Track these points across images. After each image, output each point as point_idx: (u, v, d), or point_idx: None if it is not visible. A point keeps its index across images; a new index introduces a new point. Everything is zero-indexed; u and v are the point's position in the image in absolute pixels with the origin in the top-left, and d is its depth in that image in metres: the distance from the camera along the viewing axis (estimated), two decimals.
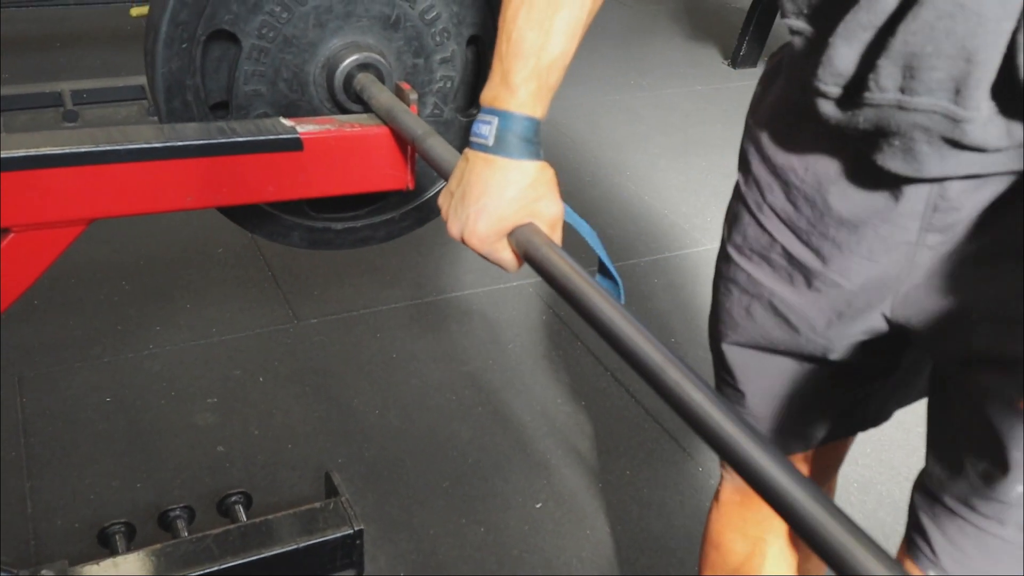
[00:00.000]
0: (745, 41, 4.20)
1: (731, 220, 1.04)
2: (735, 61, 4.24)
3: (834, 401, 1.06)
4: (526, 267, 2.38)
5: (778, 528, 1.17)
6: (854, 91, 0.78)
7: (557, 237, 0.98)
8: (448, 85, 1.43)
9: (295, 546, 1.56)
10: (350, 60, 1.31)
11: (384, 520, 1.76)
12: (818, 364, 1.00)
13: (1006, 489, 0.82)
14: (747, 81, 4.07)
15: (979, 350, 0.82)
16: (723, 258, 1.05)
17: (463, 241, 0.98)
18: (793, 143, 0.91)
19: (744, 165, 1.01)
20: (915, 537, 0.91)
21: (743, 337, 1.03)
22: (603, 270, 1.00)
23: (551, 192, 0.98)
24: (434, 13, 1.36)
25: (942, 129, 0.74)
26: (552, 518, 1.81)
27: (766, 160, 0.96)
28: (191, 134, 1.15)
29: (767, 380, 1.05)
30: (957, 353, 0.85)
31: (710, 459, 1.96)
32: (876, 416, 1.09)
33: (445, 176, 1.04)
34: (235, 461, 1.87)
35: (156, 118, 1.27)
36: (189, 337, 2.20)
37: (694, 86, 3.98)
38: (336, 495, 1.66)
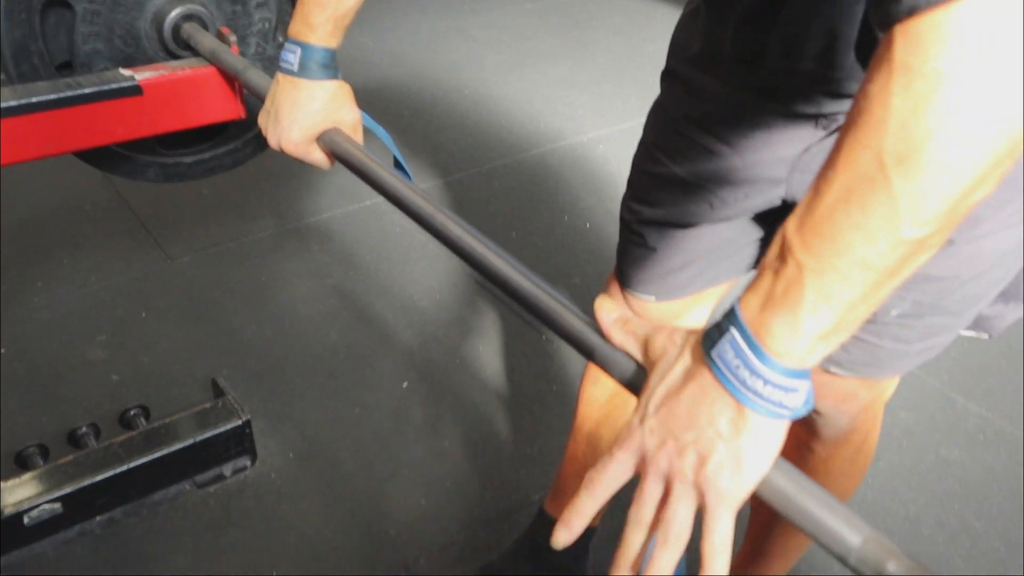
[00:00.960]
0: None
1: (653, 123, 1.21)
2: None
3: (734, 252, 1.22)
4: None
5: None
6: (756, 56, 1.00)
7: (359, 138, 1.24)
8: (267, 26, 1.64)
9: (193, 440, 1.80)
10: (175, 13, 1.51)
11: (269, 415, 2.02)
12: (725, 226, 1.18)
13: (883, 312, 1.00)
14: None
15: None
16: (645, 154, 1.22)
17: (281, 149, 1.22)
18: (710, 72, 1.08)
19: (667, 80, 1.18)
20: None
21: (660, 215, 1.19)
22: (397, 164, 1.26)
23: (349, 103, 1.23)
24: None
25: (824, 85, 0.96)
26: (418, 393, 2.10)
27: (687, 80, 1.12)
28: (43, 90, 1.35)
29: (677, 241, 1.20)
30: None
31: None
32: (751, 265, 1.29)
33: (263, 99, 1.28)
34: (130, 386, 2.08)
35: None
36: (71, 288, 2.38)
37: (523, 4, 4.22)
38: (223, 395, 1.91)
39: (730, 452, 0.63)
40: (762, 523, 1.40)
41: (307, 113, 1.19)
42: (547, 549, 1.60)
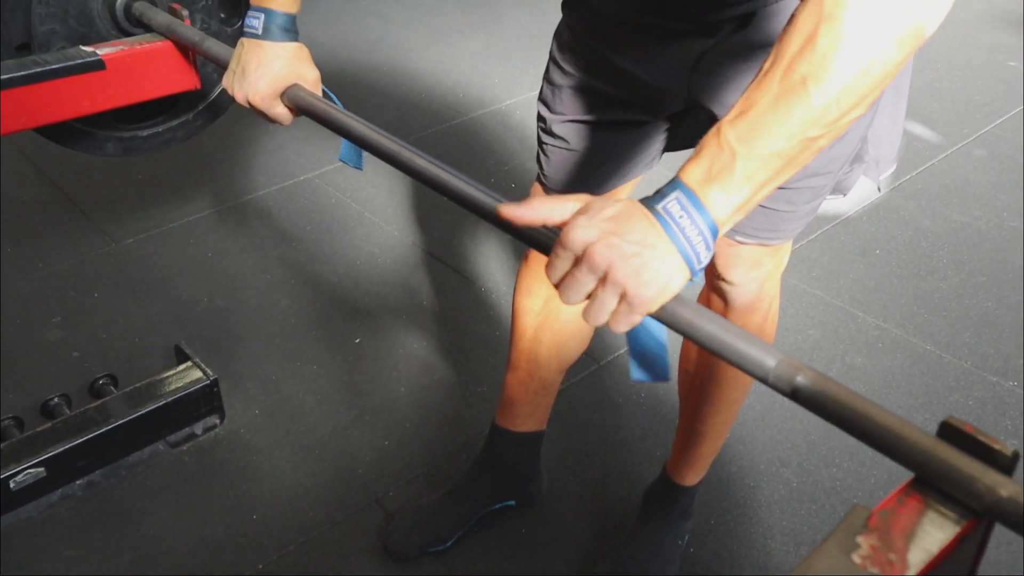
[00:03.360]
0: None
1: (560, 42, 1.35)
2: None
3: (645, 148, 1.38)
4: (311, 164, 2.91)
5: None
6: None
7: (318, 92, 1.37)
8: (210, 3, 1.75)
9: (164, 401, 1.90)
10: None
11: (232, 377, 2.13)
12: (632, 127, 1.34)
13: None
14: None
15: None
16: (556, 71, 1.36)
17: (248, 104, 1.34)
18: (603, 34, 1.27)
19: (568, 5, 1.33)
20: None
21: (575, 115, 1.35)
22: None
23: (309, 62, 1.36)
24: None
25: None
26: (370, 347, 2.23)
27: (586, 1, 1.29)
28: (11, 68, 1.44)
29: (598, 140, 1.36)
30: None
31: (488, 282, 2.43)
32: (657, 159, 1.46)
33: (223, 65, 1.39)
34: (92, 360, 2.16)
35: None
36: (18, 276, 2.43)
37: None
38: (188, 359, 2.01)
39: (657, 276, 0.80)
40: (693, 407, 1.59)
41: (272, 69, 1.32)
42: (504, 458, 1.77)
